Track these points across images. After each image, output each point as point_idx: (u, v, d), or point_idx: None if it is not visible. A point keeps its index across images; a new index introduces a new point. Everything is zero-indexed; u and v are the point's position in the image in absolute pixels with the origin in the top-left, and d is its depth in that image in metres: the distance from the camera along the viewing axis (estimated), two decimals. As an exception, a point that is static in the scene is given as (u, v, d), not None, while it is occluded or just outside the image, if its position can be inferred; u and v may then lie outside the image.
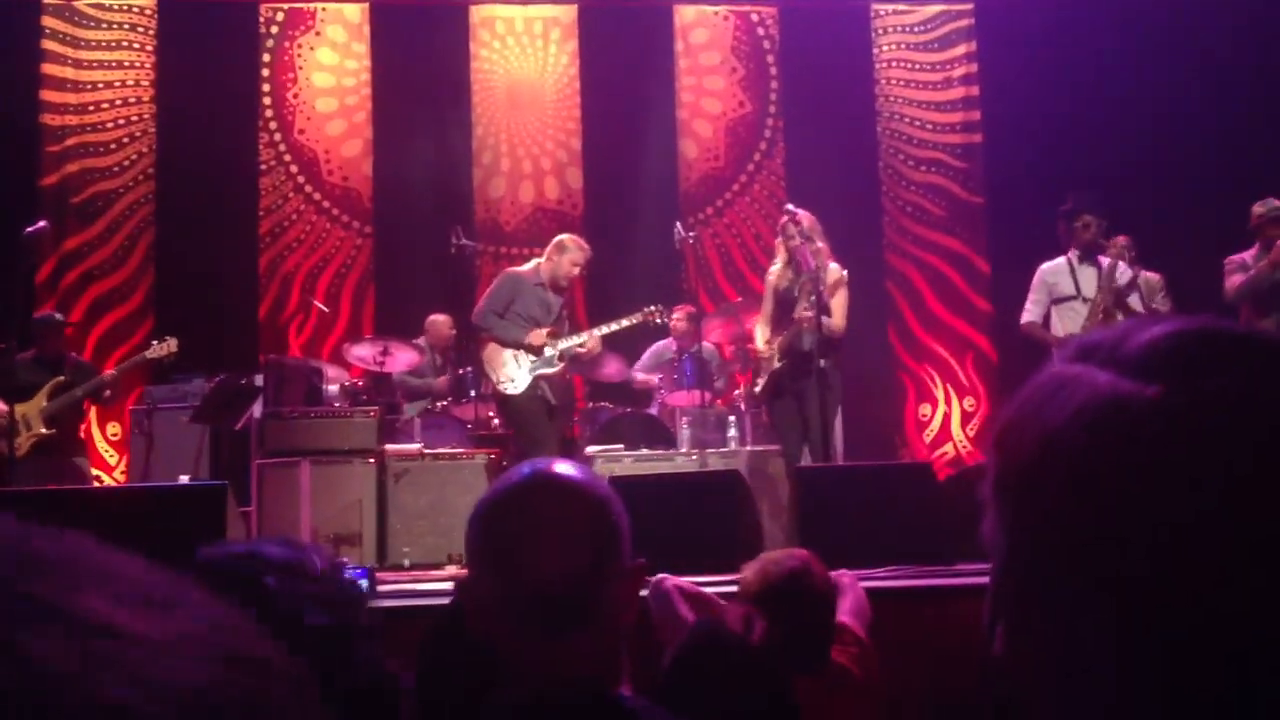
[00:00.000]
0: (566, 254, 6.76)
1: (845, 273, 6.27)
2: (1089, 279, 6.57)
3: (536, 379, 6.65)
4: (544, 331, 6.69)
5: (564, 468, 1.45)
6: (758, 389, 6.57)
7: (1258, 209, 6.75)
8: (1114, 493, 0.60)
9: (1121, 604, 0.60)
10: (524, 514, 1.39)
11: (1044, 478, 0.63)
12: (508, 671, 1.38)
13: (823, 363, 6.03)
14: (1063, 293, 6.67)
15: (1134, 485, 0.60)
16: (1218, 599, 0.58)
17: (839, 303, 6.23)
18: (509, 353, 6.65)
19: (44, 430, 6.69)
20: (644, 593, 3.02)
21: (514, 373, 6.63)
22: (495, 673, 1.40)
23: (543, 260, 6.86)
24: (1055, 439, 0.63)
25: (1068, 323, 6.59)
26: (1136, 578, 0.59)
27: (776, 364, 6.34)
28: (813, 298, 6.06)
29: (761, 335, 6.56)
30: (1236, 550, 0.58)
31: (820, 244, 6.29)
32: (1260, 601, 0.57)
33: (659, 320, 7.13)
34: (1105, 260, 6.54)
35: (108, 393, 7.05)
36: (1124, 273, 6.53)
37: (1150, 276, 6.70)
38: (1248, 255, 6.75)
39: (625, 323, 6.98)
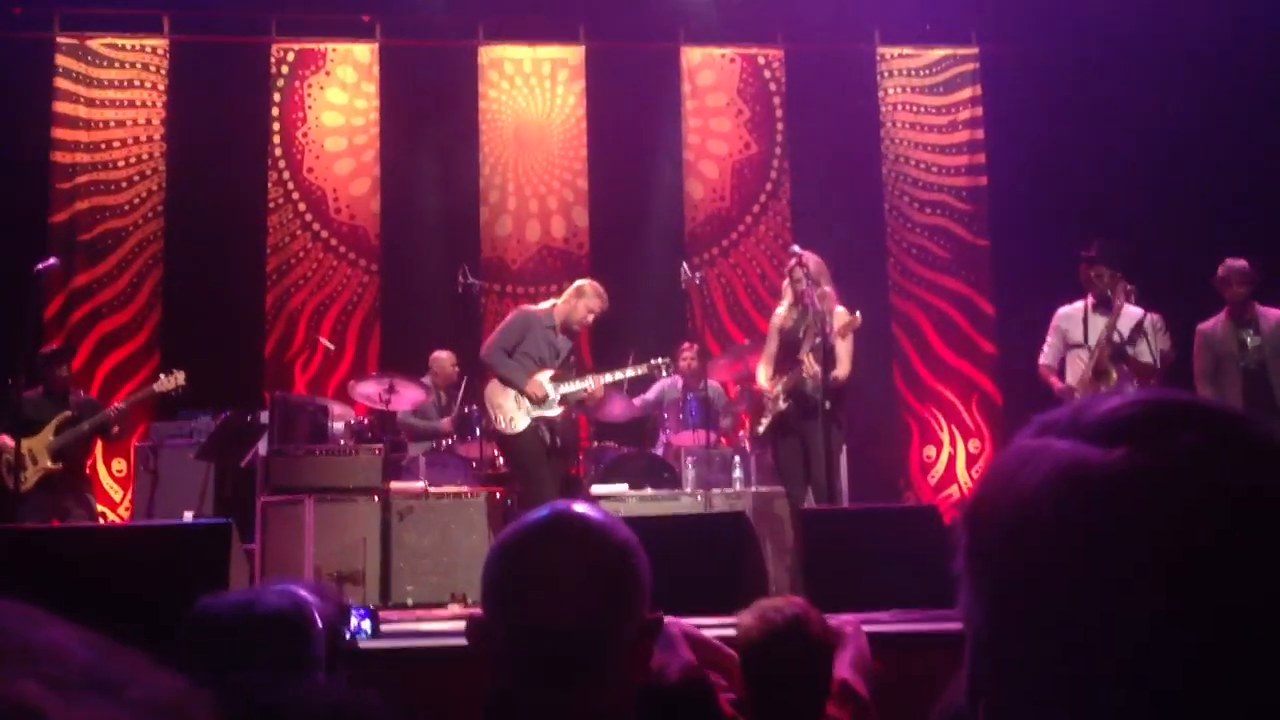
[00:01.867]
0: (584, 299, 6.69)
1: (857, 315, 6.24)
2: (1098, 329, 6.57)
3: (537, 420, 6.61)
4: (547, 375, 6.62)
5: (586, 510, 1.38)
6: (761, 429, 6.54)
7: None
8: (1085, 557, 0.61)
9: (1100, 671, 0.60)
10: (540, 557, 1.33)
11: (1017, 549, 0.64)
12: (518, 717, 1.34)
13: (828, 404, 6.00)
14: (1074, 340, 6.67)
15: (1104, 548, 0.61)
16: (1194, 660, 0.58)
17: (845, 349, 6.20)
18: (512, 393, 6.61)
19: (50, 465, 6.69)
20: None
21: (514, 413, 6.57)
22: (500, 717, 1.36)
23: (560, 301, 6.80)
24: (1025, 510, 0.64)
25: (1075, 370, 6.59)
26: (1112, 644, 0.60)
27: (781, 405, 6.32)
28: (818, 340, 6.04)
29: (764, 374, 6.53)
30: (1208, 612, 0.58)
31: (827, 288, 6.27)
32: (1236, 661, 0.58)
33: (664, 373, 7.14)
34: (1116, 306, 6.55)
35: (115, 429, 7.05)
36: (1130, 318, 6.51)
37: (1153, 317, 6.71)
38: (1214, 323, 6.76)
39: (631, 373, 6.92)
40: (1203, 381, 6.68)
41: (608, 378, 6.88)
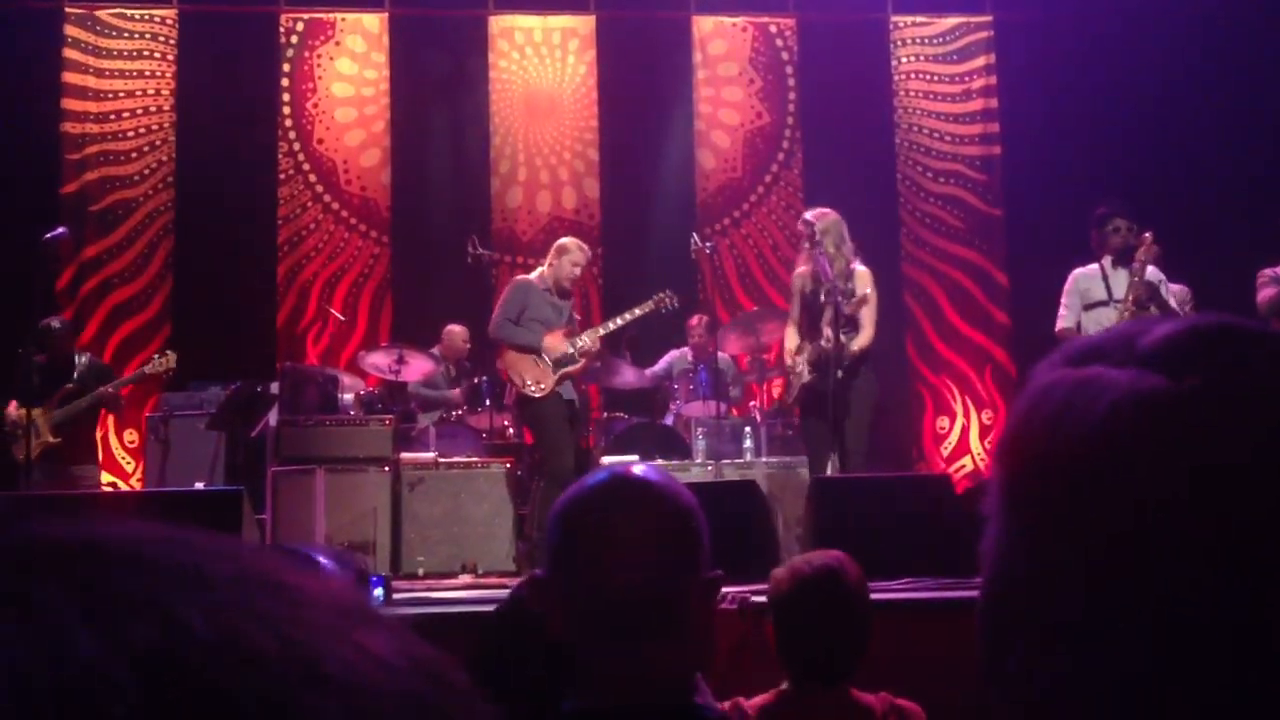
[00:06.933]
0: (567, 256, 6.78)
1: (860, 270, 6.16)
2: (1121, 283, 6.44)
3: (561, 377, 6.66)
4: (559, 333, 6.71)
5: (646, 473, 1.41)
6: (790, 397, 6.49)
7: None
8: (1163, 492, 0.57)
9: (1175, 606, 0.56)
10: (603, 522, 1.35)
11: (1079, 485, 0.59)
12: (584, 677, 1.36)
13: (839, 374, 5.94)
14: (1095, 298, 6.56)
15: (1179, 483, 0.56)
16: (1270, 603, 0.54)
17: (868, 315, 6.13)
18: (531, 357, 6.66)
19: (50, 439, 6.71)
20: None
21: (539, 375, 6.63)
22: (555, 675, 1.38)
23: (545, 266, 6.89)
24: (1089, 443, 0.59)
25: (1099, 328, 6.46)
26: (1195, 583, 0.56)
27: (806, 377, 6.24)
28: (835, 307, 5.96)
29: (791, 340, 6.44)
30: None
31: (833, 249, 6.18)
32: None
33: (670, 306, 7.10)
34: (1135, 264, 6.45)
35: (116, 399, 7.08)
36: (1154, 273, 6.43)
37: (1176, 288, 6.63)
38: None
39: (638, 311, 7.00)
40: (1273, 313, 6.48)
41: (618, 320, 6.99)
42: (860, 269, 6.20)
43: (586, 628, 1.34)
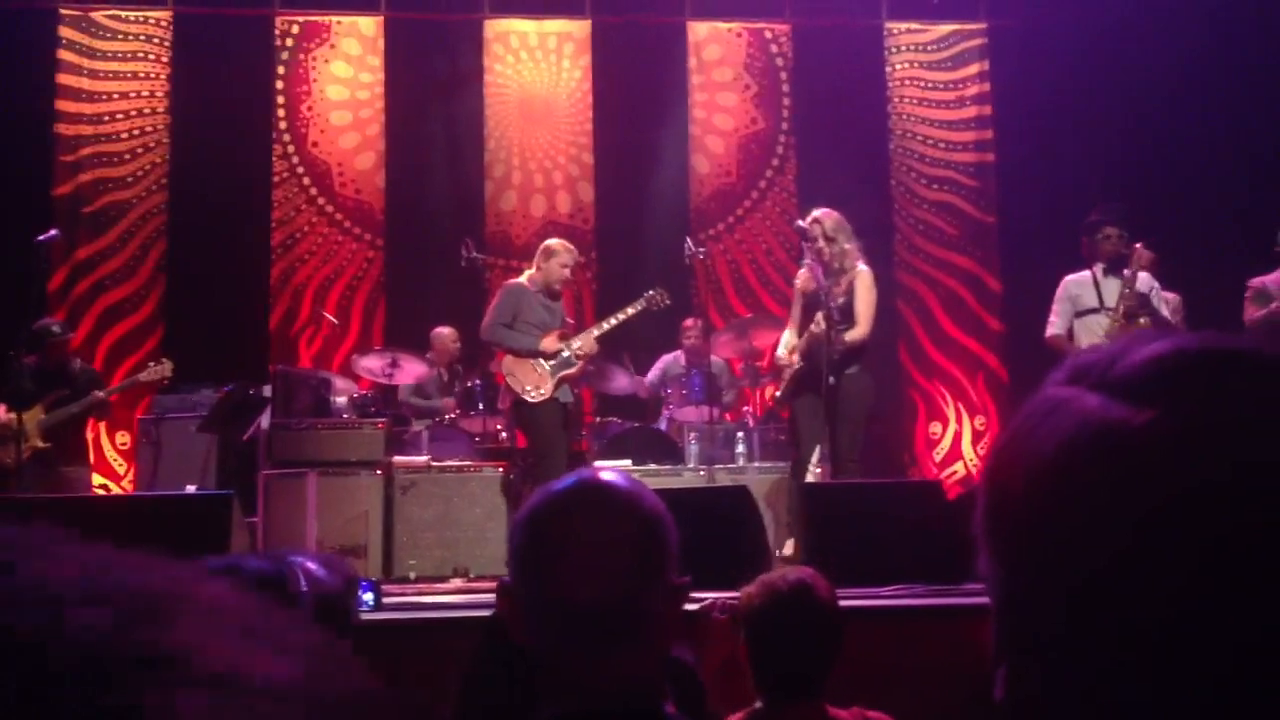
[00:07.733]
0: (555, 258, 6.80)
1: (861, 269, 6.20)
2: (1112, 291, 6.46)
3: (560, 380, 6.66)
4: (554, 335, 6.72)
5: (612, 479, 1.40)
6: (780, 394, 6.49)
7: None
8: (1106, 526, 0.57)
9: (1121, 648, 0.56)
10: (566, 528, 1.34)
11: (1033, 513, 0.59)
12: (551, 684, 1.35)
13: (831, 379, 5.95)
14: (1085, 305, 6.58)
15: (1127, 517, 0.56)
16: (1219, 637, 0.54)
17: (865, 309, 6.16)
18: (529, 362, 6.66)
19: (39, 444, 6.70)
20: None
21: (538, 380, 6.64)
22: (538, 684, 1.37)
23: (533, 269, 6.90)
24: (1043, 471, 0.59)
25: (1090, 335, 6.49)
26: (1135, 620, 0.56)
27: (797, 364, 6.27)
28: (834, 304, 5.99)
29: (787, 339, 6.45)
30: (1236, 585, 0.54)
31: (847, 245, 6.24)
32: (1263, 636, 0.53)
33: (661, 303, 7.14)
34: (1127, 272, 6.47)
35: (106, 406, 7.07)
36: (1146, 281, 6.45)
37: (1168, 296, 6.64)
38: (1270, 280, 6.64)
39: (630, 311, 7.02)
40: (1260, 335, 6.50)
41: (611, 320, 7.01)
42: (862, 268, 6.23)
43: (551, 634, 1.33)
